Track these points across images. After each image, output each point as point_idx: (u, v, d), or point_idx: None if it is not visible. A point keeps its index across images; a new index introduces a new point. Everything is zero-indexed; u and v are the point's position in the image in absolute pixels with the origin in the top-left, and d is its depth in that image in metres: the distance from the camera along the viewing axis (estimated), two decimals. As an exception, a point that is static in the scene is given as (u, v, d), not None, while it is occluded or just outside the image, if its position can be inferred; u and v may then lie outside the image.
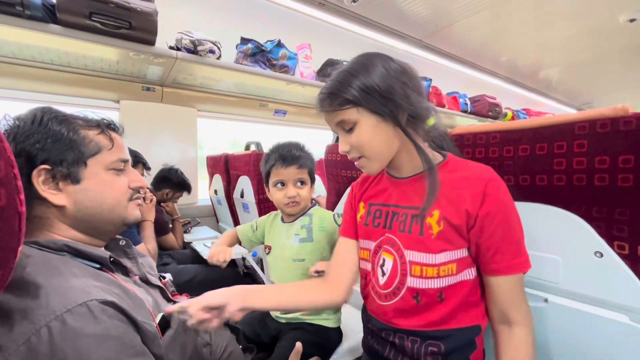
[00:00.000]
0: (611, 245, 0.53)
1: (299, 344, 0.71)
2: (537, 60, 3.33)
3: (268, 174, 0.94)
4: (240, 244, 1.09)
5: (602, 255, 0.54)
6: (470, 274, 0.59)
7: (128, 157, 0.65)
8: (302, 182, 0.93)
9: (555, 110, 4.86)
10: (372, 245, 0.68)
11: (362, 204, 0.73)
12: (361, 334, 0.95)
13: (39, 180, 0.53)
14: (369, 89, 0.57)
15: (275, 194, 0.93)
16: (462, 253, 0.58)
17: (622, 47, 2.98)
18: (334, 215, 0.93)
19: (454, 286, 0.58)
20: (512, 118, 3.76)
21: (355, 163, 0.64)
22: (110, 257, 0.58)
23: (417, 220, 0.60)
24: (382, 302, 0.64)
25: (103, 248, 0.63)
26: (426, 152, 0.60)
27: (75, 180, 0.56)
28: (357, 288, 1.16)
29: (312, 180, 0.96)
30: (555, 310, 0.59)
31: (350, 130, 0.60)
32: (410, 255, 0.60)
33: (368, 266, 0.69)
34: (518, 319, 0.56)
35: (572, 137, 0.54)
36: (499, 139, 0.65)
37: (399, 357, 0.63)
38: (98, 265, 0.55)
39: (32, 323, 0.40)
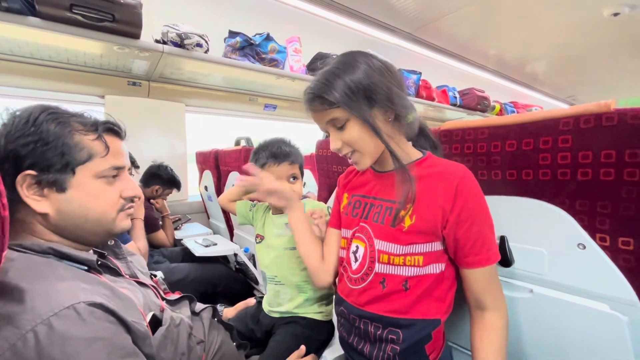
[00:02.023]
0: (593, 237, 0.55)
1: (303, 347, 0.77)
2: (524, 54, 3.38)
3: None
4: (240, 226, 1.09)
5: (584, 247, 0.55)
6: (437, 268, 0.61)
7: (124, 163, 0.62)
8: (294, 177, 0.94)
9: (542, 103, 4.95)
10: (349, 233, 0.72)
11: (345, 195, 0.77)
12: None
13: (23, 185, 0.51)
14: (354, 88, 0.58)
15: None
16: (432, 247, 0.60)
17: (607, 41, 3.04)
18: (327, 209, 0.94)
19: (419, 277, 0.61)
20: (500, 111, 3.81)
21: (349, 160, 0.66)
22: (97, 259, 0.56)
23: (390, 212, 0.63)
24: (353, 286, 0.68)
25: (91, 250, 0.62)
26: (395, 151, 0.62)
27: (61, 189, 0.53)
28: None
29: (302, 174, 0.97)
30: (540, 300, 0.61)
31: (342, 128, 0.62)
32: (379, 244, 0.64)
33: (343, 253, 0.73)
34: (491, 304, 0.59)
35: (557, 133, 0.55)
36: (487, 135, 0.66)
37: (362, 344, 0.66)
38: (85, 267, 0.54)
39: (18, 328, 0.39)
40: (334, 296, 0.96)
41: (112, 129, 0.61)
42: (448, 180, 0.58)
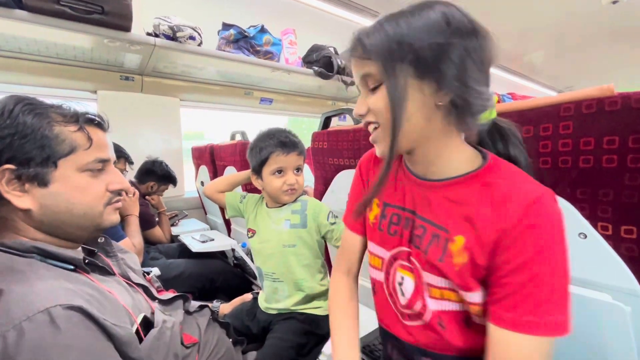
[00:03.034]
0: (595, 226, 0.53)
1: None
2: (521, 44, 3.35)
3: (264, 161, 0.88)
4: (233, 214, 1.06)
5: (586, 237, 0.54)
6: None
7: (109, 156, 0.59)
8: (299, 169, 0.91)
9: (539, 94, 4.93)
10: (386, 255, 0.57)
11: (376, 202, 0.60)
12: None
13: (2, 180, 0.48)
14: (400, 41, 0.42)
15: (272, 182, 0.89)
16: (478, 297, 0.45)
17: (605, 30, 3.01)
18: (328, 214, 0.90)
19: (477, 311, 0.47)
20: (498, 102, 3.79)
21: (371, 136, 0.51)
22: (84, 257, 0.54)
23: (437, 241, 0.48)
24: (407, 322, 0.55)
25: (80, 247, 0.60)
26: (427, 149, 0.48)
27: (43, 183, 0.51)
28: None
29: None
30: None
31: (374, 90, 0.47)
32: (428, 277, 0.50)
33: (380, 276, 0.59)
34: None
35: (557, 119, 0.53)
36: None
37: None
38: (71, 267, 0.52)
39: None
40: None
41: (94, 120, 0.58)
42: (507, 208, 0.42)
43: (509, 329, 0.41)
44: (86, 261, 0.55)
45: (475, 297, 0.45)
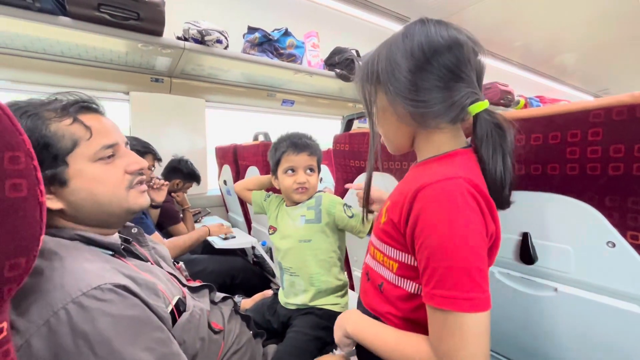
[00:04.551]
0: (624, 235, 0.52)
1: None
2: (552, 46, 3.22)
3: (278, 161, 0.96)
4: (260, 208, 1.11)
5: (614, 245, 0.53)
6: (412, 286, 0.52)
7: (116, 139, 0.58)
8: (311, 170, 0.95)
9: (571, 98, 4.73)
10: None
11: None
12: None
13: None
14: (371, 62, 0.54)
15: (284, 181, 0.95)
16: (406, 258, 0.52)
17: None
18: (343, 205, 0.94)
19: (392, 285, 0.54)
20: (525, 105, 3.67)
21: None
22: (121, 244, 0.59)
23: (383, 206, 0.61)
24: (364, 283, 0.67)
25: (117, 234, 0.64)
26: (395, 142, 0.59)
27: (63, 183, 0.52)
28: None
29: (319, 170, 0.98)
30: (565, 299, 0.59)
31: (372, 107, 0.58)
32: (372, 236, 0.62)
33: None
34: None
35: (586, 125, 0.53)
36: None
37: None
38: (110, 252, 0.57)
39: (50, 305, 0.41)
40: (350, 292, 0.97)
41: (87, 107, 0.56)
42: (416, 184, 0.48)
43: (428, 303, 0.46)
44: (122, 247, 0.59)
45: (392, 252, 0.54)
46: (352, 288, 1.31)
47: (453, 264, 0.43)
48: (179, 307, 0.59)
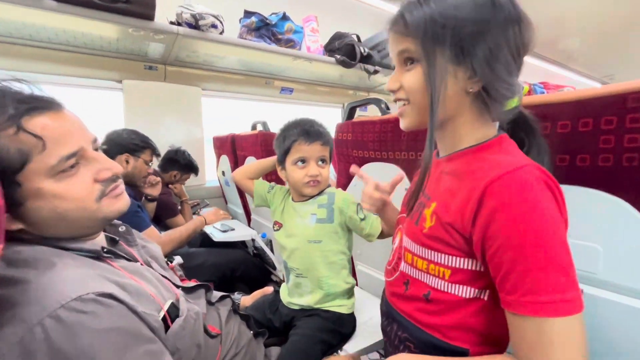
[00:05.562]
0: (662, 233, 0.47)
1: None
2: (556, 29, 3.12)
3: (287, 151, 0.85)
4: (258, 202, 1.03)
5: (649, 244, 0.48)
6: (468, 292, 0.46)
7: (79, 145, 0.47)
8: (324, 161, 0.87)
9: (575, 84, 4.63)
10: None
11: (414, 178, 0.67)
12: (374, 320, 0.93)
13: None
14: (441, 23, 0.42)
15: (294, 173, 0.85)
16: (462, 263, 0.46)
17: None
18: (357, 205, 0.86)
19: (443, 294, 0.48)
20: (529, 92, 3.58)
21: (399, 110, 0.53)
22: (102, 247, 0.53)
23: (419, 207, 0.53)
24: (387, 278, 0.62)
25: (102, 234, 0.58)
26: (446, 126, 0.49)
27: (18, 204, 0.43)
28: (371, 272, 1.14)
29: (331, 161, 0.90)
30: (592, 302, 0.55)
31: (409, 67, 0.48)
32: (406, 241, 0.55)
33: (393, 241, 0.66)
34: None
35: (624, 111, 0.47)
36: (534, 115, 0.58)
37: (387, 327, 0.61)
38: (94, 255, 0.51)
39: (24, 321, 0.37)
40: (355, 291, 0.92)
41: (34, 107, 0.44)
42: (479, 178, 0.42)
43: (516, 312, 0.39)
44: (105, 250, 0.53)
45: (442, 259, 0.47)
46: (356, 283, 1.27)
47: (547, 264, 0.37)
48: (172, 313, 0.54)
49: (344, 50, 2.11)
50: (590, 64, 4.34)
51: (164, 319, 0.51)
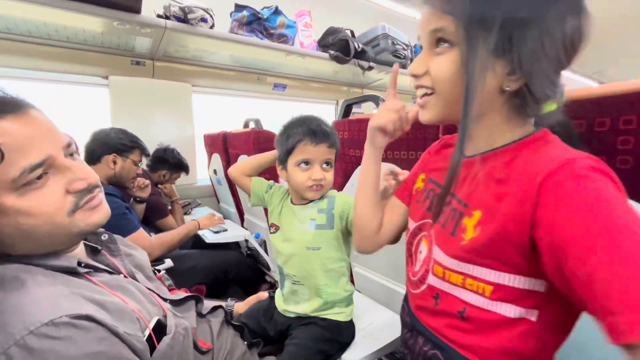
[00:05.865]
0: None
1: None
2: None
3: (290, 151, 0.79)
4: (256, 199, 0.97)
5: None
6: (515, 311, 0.40)
7: (47, 153, 0.41)
8: (329, 164, 0.81)
9: (565, 80, 4.65)
10: (412, 225, 0.56)
11: (422, 175, 0.59)
12: (374, 325, 0.90)
13: None
14: (495, 3, 0.36)
15: (296, 174, 0.79)
16: (509, 280, 0.39)
17: (638, 9, 2.77)
18: None
19: (483, 311, 0.42)
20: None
21: (418, 98, 0.47)
22: (79, 262, 0.48)
23: (454, 215, 0.45)
24: (412, 290, 0.54)
25: (82, 244, 0.54)
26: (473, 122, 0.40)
27: None
28: (370, 275, 1.10)
29: (335, 164, 0.85)
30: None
31: (440, 49, 0.41)
32: (436, 252, 0.47)
33: (410, 247, 0.57)
34: None
35: (644, 110, 0.44)
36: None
37: (410, 341, 0.54)
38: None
39: None
40: (353, 297, 0.89)
41: None
42: (530, 175, 0.35)
43: (612, 339, 0.28)
44: (82, 264, 0.48)
45: (484, 273, 0.40)
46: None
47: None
48: (159, 330, 0.50)
49: (337, 45, 2.06)
50: (579, 61, 4.37)
51: (149, 339, 0.47)
